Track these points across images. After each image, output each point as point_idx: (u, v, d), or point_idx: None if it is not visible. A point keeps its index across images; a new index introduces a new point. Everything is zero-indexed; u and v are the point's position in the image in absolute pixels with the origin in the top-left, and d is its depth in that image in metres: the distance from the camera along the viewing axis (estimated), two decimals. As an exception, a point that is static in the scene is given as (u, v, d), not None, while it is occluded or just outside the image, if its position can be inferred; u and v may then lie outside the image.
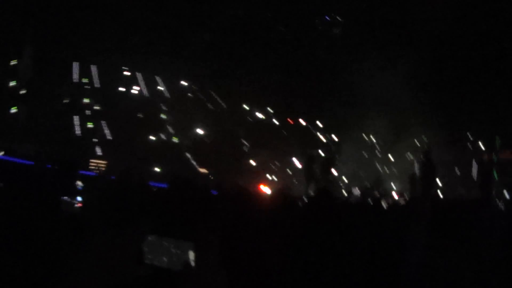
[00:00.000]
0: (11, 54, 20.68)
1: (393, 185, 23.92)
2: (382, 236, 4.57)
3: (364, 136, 26.40)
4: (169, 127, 23.97)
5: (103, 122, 22.40)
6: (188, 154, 23.31)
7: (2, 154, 17.26)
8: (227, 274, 3.43)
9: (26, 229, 4.75)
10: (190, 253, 3.24)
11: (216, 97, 25.12)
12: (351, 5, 18.11)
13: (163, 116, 24.13)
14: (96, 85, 23.11)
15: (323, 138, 26.76)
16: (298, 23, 19.97)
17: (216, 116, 24.71)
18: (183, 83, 24.58)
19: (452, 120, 21.75)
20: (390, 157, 25.83)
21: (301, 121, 26.31)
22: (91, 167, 19.51)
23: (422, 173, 12.97)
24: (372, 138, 26.75)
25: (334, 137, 26.81)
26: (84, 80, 22.95)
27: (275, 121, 26.11)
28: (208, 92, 25.00)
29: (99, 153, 21.48)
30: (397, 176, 24.97)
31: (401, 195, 16.47)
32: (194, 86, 24.71)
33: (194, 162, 23.14)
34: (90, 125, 22.29)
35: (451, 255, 3.03)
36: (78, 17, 19.46)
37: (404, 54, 19.38)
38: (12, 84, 20.83)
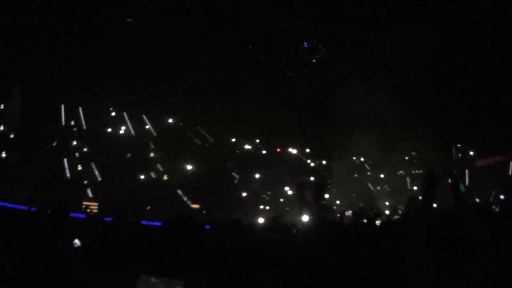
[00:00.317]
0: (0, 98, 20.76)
1: (386, 202, 24.04)
2: (378, 257, 4.62)
3: (353, 158, 26.57)
4: (158, 165, 23.95)
5: (93, 164, 22.34)
6: (179, 191, 23.24)
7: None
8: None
9: (22, 275, 4.74)
10: None
11: (203, 132, 25.22)
12: (329, 30, 18.38)
13: (152, 154, 24.13)
14: (84, 127, 23.14)
15: (313, 164, 26.89)
16: (280, 53, 20.20)
17: (204, 151, 24.78)
18: (170, 121, 24.66)
19: (437, 131, 22.00)
20: (381, 175, 26.00)
21: (290, 149, 26.45)
22: (83, 209, 19.39)
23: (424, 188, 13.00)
24: (361, 159, 26.94)
25: (324, 162, 26.95)
26: (72, 123, 22.98)
27: (263, 151, 26.21)
28: (195, 128, 25.10)
29: (90, 195, 21.37)
30: (389, 193, 25.12)
31: (394, 211, 16.50)
32: (180, 123, 24.80)
33: (186, 198, 23.07)
34: (80, 168, 22.21)
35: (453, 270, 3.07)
36: (64, 60, 19.56)
37: (385, 75, 19.63)
38: (1, 129, 20.84)
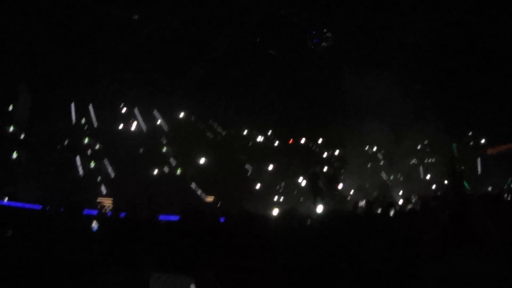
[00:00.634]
0: (8, 99, 20.86)
1: (400, 192, 23.95)
2: (392, 247, 4.58)
3: (366, 147, 26.48)
4: (171, 159, 24.01)
5: (105, 161, 22.45)
6: (193, 184, 23.30)
7: (7, 200, 17.29)
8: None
9: (36, 273, 4.77)
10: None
11: (215, 125, 25.24)
12: (340, 17, 18.28)
13: (164, 149, 24.19)
14: (95, 124, 23.23)
15: (325, 154, 26.82)
16: (289, 44, 20.12)
17: (217, 144, 24.80)
18: (181, 115, 24.69)
19: (450, 120, 21.87)
20: (394, 165, 25.89)
21: (302, 140, 26.39)
22: (97, 206, 19.49)
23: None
24: (374, 148, 26.84)
25: (337, 152, 26.87)
26: (83, 120, 23.07)
27: (276, 143, 26.18)
28: (207, 121, 25.13)
29: (104, 192, 21.48)
30: (402, 182, 25.03)
31: (408, 201, 16.42)
32: (192, 116, 24.83)
33: (200, 191, 23.13)
34: (92, 165, 22.31)
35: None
36: (72, 58, 19.60)
37: (397, 62, 19.52)
38: (11, 129, 20.97)
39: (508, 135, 21.97)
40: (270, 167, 24.72)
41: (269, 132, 26.13)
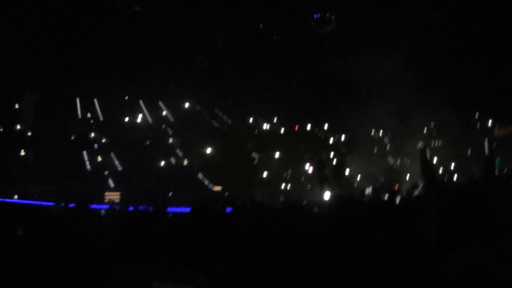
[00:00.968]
0: (13, 98, 20.93)
1: (407, 176, 23.88)
2: (398, 235, 4.59)
3: (372, 132, 26.39)
4: (178, 150, 24.07)
5: (112, 154, 22.53)
6: (200, 174, 23.37)
7: (17, 198, 17.42)
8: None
9: (45, 268, 4.83)
10: None
11: (220, 114, 25.23)
12: (341, 4, 18.18)
13: (171, 140, 24.23)
14: (101, 118, 23.29)
15: (331, 140, 26.76)
16: (292, 30, 20.05)
17: (223, 133, 24.81)
18: (186, 105, 24.69)
19: (456, 102, 21.71)
20: (400, 149, 25.80)
21: (308, 127, 26.33)
22: (106, 200, 19.62)
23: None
24: (380, 133, 26.74)
25: (343, 137, 26.81)
26: (88, 115, 23.14)
27: (282, 130, 26.15)
28: (212, 111, 25.12)
29: (112, 185, 21.59)
30: (410, 166, 24.94)
31: (414, 187, 16.31)
32: (197, 107, 24.83)
33: (207, 181, 23.20)
34: (100, 159, 22.40)
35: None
36: (75, 53, 19.62)
37: (400, 45, 19.39)
38: (18, 128, 21.07)
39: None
40: (277, 155, 24.72)
41: (275, 120, 26.08)
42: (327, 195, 15.67)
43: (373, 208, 6.14)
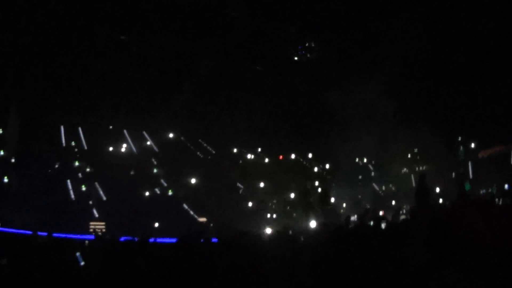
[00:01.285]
0: None
1: (393, 202, 24.00)
2: (383, 260, 4.62)
3: (356, 160, 26.55)
4: (162, 180, 23.96)
5: (96, 184, 22.35)
6: (185, 205, 23.23)
7: (-1, 225, 17.13)
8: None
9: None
10: None
11: (204, 145, 25.26)
12: (324, 30, 18.46)
13: (155, 170, 24.15)
14: (85, 147, 23.18)
15: (316, 168, 26.85)
16: (275, 61, 20.28)
17: (207, 163, 24.80)
18: (170, 135, 24.69)
19: (439, 127, 21.98)
20: (385, 175, 25.97)
21: (292, 156, 26.41)
22: (91, 230, 19.39)
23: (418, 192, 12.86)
24: (365, 160, 26.92)
25: (327, 166, 26.91)
26: (72, 143, 23.03)
27: (266, 160, 26.20)
28: (196, 141, 25.14)
29: (97, 215, 21.35)
30: (395, 192, 25.08)
31: (397, 213, 16.35)
32: (181, 137, 24.85)
33: (192, 212, 23.06)
34: (84, 188, 22.19)
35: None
36: (59, 82, 19.62)
37: (381, 74, 19.65)
38: (2, 153, 20.90)
39: (498, 137, 22.11)
40: (262, 185, 24.71)
41: (259, 150, 26.16)
42: (313, 223, 15.72)
43: (359, 235, 6.19)
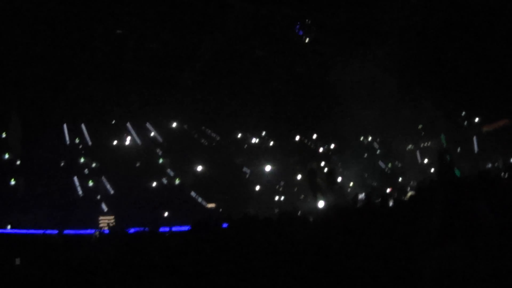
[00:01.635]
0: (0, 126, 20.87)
1: (399, 179, 24.05)
2: (391, 238, 4.65)
3: (361, 138, 26.56)
4: (169, 170, 24.05)
5: (103, 178, 22.47)
6: (193, 192, 23.35)
7: (10, 228, 17.31)
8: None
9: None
10: None
11: (209, 131, 25.28)
12: (324, 11, 18.30)
13: (161, 160, 24.22)
14: (89, 143, 23.24)
15: (321, 149, 26.88)
16: (274, 43, 20.17)
17: (212, 150, 24.85)
18: (174, 125, 24.71)
19: (443, 102, 21.90)
20: (390, 152, 25.99)
21: (296, 137, 26.43)
22: (100, 224, 19.56)
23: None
24: (369, 138, 26.92)
25: (332, 145, 26.93)
26: (77, 140, 23.08)
27: (271, 143, 26.23)
28: (200, 129, 25.16)
29: (106, 209, 21.52)
30: (400, 169, 25.13)
31: (402, 190, 16.34)
32: (185, 126, 24.86)
33: (200, 199, 23.19)
34: (91, 183, 22.32)
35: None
36: (59, 79, 19.58)
37: (383, 50, 19.54)
38: (6, 157, 20.98)
39: (502, 111, 22.06)
40: (268, 168, 24.78)
41: (263, 133, 26.17)
42: (321, 204, 15.77)
43: (367, 213, 6.22)
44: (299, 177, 24.44)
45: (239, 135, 25.95)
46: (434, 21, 18.39)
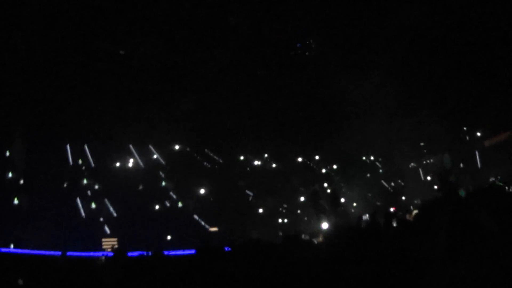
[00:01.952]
0: (4, 145, 20.93)
1: (403, 197, 23.97)
2: (396, 257, 4.62)
3: (363, 157, 26.54)
4: (171, 193, 23.99)
5: (106, 200, 22.42)
6: (196, 216, 23.26)
7: (13, 247, 17.22)
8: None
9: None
10: None
11: (211, 154, 25.26)
12: (322, 32, 18.46)
13: (164, 183, 24.18)
14: (92, 164, 23.24)
15: (324, 170, 26.84)
16: (276, 64, 20.30)
17: (215, 172, 24.80)
18: (176, 147, 24.72)
19: (444, 118, 21.91)
20: (393, 171, 25.95)
21: (299, 159, 26.39)
22: (103, 247, 19.45)
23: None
24: (371, 157, 26.90)
25: (334, 166, 26.89)
26: (80, 161, 23.10)
27: (273, 165, 26.19)
28: (202, 151, 25.15)
29: (108, 232, 21.43)
30: (404, 188, 25.07)
31: (406, 209, 16.30)
32: (187, 148, 24.87)
33: (203, 222, 23.08)
34: (94, 205, 22.27)
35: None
36: (63, 100, 19.69)
37: (385, 64, 19.57)
38: (10, 176, 21.01)
39: (503, 124, 22.06)
40: (270, 190, 24.71)
41: (265, 155, 26.16)
42: (325, 225, 15.73)
43: (371, 234, 6.19)
44: (302, 199, 24.36)
45: (242, 158, 25.94)
46: (436, 38, 18.52)
